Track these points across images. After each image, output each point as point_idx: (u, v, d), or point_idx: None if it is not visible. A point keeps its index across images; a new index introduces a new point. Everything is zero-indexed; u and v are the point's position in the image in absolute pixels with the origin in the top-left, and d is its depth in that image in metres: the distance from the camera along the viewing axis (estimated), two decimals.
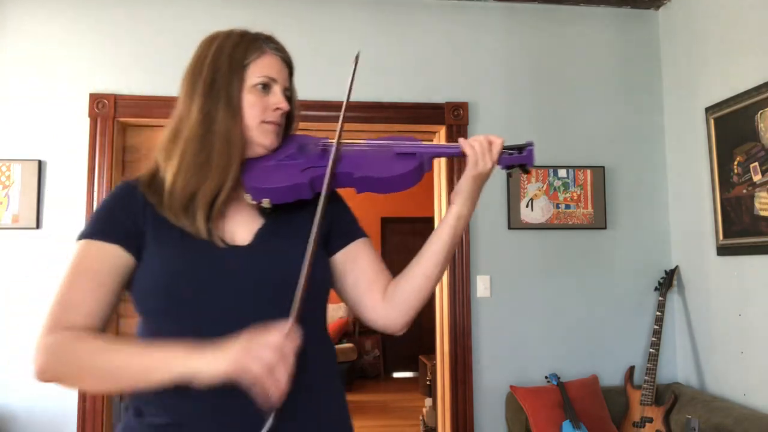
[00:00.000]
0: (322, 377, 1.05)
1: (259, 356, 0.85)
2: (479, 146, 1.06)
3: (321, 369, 1.05)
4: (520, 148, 1.07)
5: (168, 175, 1.03)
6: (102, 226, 1.02)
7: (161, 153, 1.06)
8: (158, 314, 1.00)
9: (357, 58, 1.09)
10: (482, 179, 1.09)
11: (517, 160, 1.07)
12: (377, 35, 2.95)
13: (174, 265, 0.98)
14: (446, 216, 1.11)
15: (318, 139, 1.13)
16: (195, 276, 0.98)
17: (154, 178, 1.07)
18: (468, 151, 1.06)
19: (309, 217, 1.05)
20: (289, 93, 1.11)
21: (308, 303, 0.98)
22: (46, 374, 0.94)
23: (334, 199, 1.17)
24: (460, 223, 1.10)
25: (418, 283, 1.10)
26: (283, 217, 1.09)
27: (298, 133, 1.18)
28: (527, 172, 1.10)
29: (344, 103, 1.07)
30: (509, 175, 1.12)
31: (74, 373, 0.94)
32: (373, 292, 1.12)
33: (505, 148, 1.08)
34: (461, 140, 1.08)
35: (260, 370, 0.84)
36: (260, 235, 1.06)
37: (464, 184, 1.09)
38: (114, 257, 1.00)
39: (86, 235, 1.02)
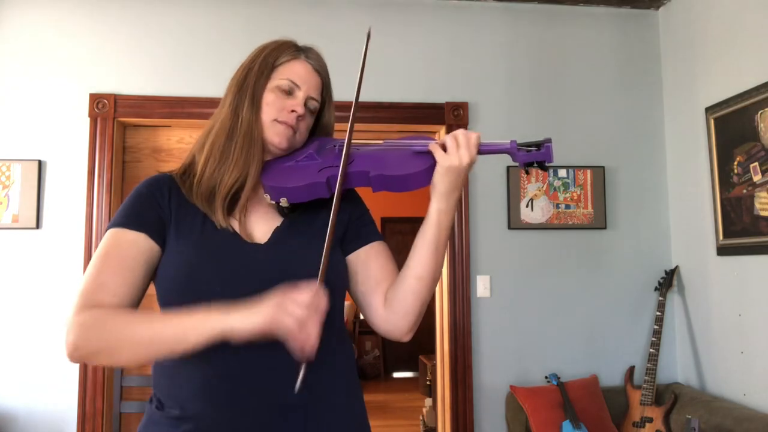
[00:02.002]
0: (340, 375, 1.07)
1: (291, 311, 0.88)
2: (452, 140, 1.03)
3: (338, 367, 1.07)
4: (537, 145, 1.05)
5: (199, 164, 1.09)
6: (128, 216, 1.05)
7: (197, 145, 1.12)
8: (175, 304, 1.02)
9: (369, 34, 1.08)
10: (456, 174, 1.03)
11: (535, 157, 1.05)
12: (377, 35, 2.92)
13: (193, 256, 1.02)
14: (427, 213, 1.07)
15: (337, 140, 1.15)
16: (212, 267, 1.01)
17: (188, 169, 1.12)
18: (448, 142, 1.04)
19: (327, 218, 1.07)
20: (315, 104, 1.14)
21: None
22: (79, 350, 0.94)
23: (352, 200, 1.18)
24: (442, 218, 1.06)
25: (410, 286, 1.07)
26: (302, 217, 1.11)
27: None
28: (545, 169, 1.07)
29: (358, 85, 1.07)
30: (527, 172, 1.09)
31: (109, 346, 0.95)
32: (377, 295, 1.12)
33: (522, 144, 1.06)
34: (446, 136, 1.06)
35: (293, 324, 0.88)
36: (278, 234, 1.08)
37: (437, 177, 1.04)
38: (141, 244, 1.03)
39: (114, 224, 1.04)
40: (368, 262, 1.13)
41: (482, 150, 1.06)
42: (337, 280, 1.09)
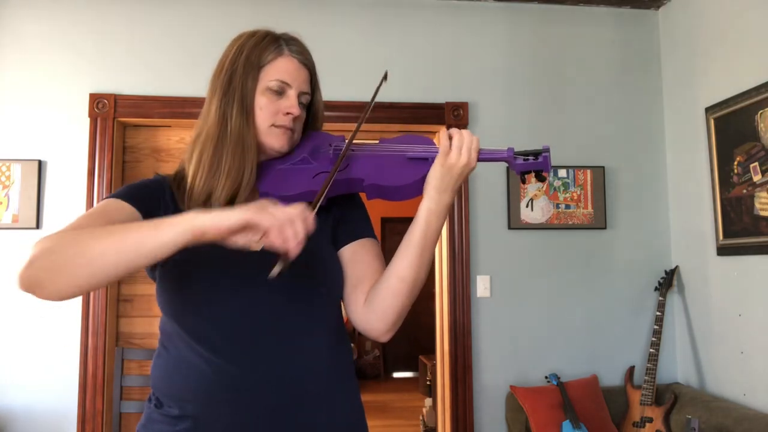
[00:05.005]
0: (338, 375, 1.06)
1: (273, 212, 0.82)
2: (458, 135, 1.01)
3: (336, 367, 1.06)
4: (535, 154, 1.03)
5: (189, 174, 1.06)
6: (128, 192, 1.03)
7: (186, 152, 1.09)
8: (178, 309, 1.02)
9: (385, 76, 1.07)
10: (451, 173, 1.00)
11: (532, 166, 1.03)
12: (377, 35, 2.95)
13: (194, 265, 1.00)
14: (417, 212, 1.04)
15: (333, 138, 1.13)
16: (213, 277, 1.00)
17: (180, 176, 1.10)
18: (443, 140, 1.02)
19: (321, 219, 1.07)
20: (307, 97, 1.11)
21: (322, 301, 1.04)
22: (34, 264, 0.84)
23: (350, 198, 1.16)
24: (432, 219, 1.02)
25: (392, 286, 1.04)
26: None
27: None
28: (542, 179, 1.05)
29: (363, 116, 1.06)
30: (523, 181, 1.07)
31: (66, 259, 0.84)
32: (359, 292, 1.09)
33: (519, 153, 1.04)
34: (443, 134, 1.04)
35: (274, 222, 0.81)
36: None
37: (432, 173, 1.01)
38: (128, 212, 1.00)
39: (111, 196, 1.03)
40: (355, 258, 1.11)
41: (479, 157, 1.04)
42: (335, 280, 1.09)
